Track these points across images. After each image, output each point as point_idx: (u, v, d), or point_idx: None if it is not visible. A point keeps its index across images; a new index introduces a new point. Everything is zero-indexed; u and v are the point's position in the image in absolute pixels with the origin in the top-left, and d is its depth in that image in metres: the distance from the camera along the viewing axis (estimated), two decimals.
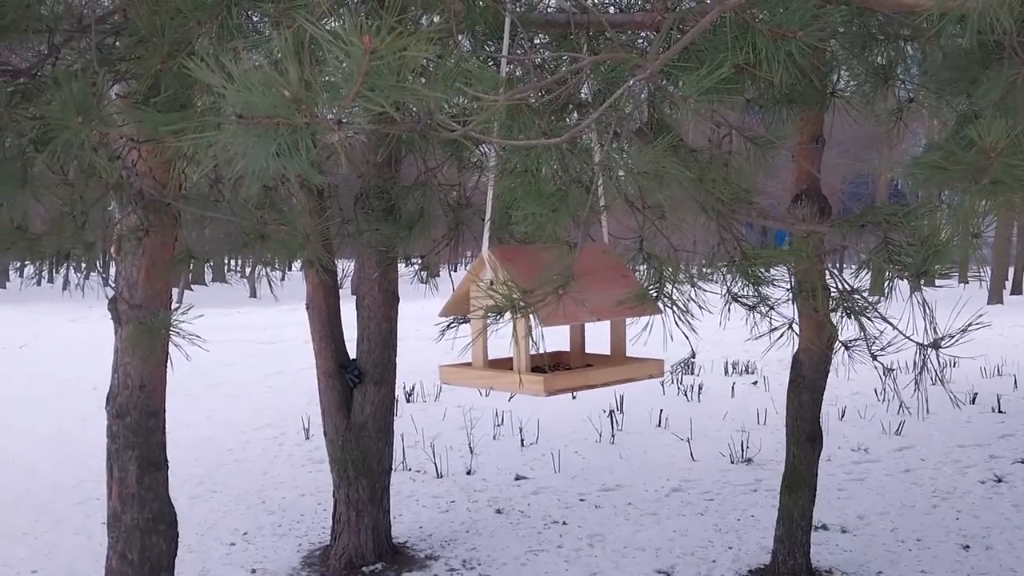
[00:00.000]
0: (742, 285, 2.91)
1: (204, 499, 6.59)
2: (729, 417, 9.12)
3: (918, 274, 2.12)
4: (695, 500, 6.41)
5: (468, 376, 2.08)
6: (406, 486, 6.79)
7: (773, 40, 1.65)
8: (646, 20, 1.89)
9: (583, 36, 2.00)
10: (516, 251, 2.10)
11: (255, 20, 2.11)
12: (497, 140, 1.69)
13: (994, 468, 7.04)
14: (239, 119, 1.14)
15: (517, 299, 1.81)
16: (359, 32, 1.08)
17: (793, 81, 1.79)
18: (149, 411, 3.69)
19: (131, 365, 3.62)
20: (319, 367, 5.36)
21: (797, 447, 4.83)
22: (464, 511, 6.27)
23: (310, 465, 7.51)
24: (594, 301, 1.96)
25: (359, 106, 1.14)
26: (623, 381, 2.21)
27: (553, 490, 6.72)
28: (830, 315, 3.09)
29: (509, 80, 1.90)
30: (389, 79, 1.10)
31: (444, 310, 2.16)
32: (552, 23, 2.03)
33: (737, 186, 2.53)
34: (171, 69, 1.92)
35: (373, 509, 5.28)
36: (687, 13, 1.87)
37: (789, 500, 4.83)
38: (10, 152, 2.13)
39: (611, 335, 2.23)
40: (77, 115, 1.76)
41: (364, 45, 1.10)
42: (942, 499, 6.32)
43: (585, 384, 2.05)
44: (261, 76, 1.13)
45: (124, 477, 3.69)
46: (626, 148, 2.12)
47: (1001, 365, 11.94)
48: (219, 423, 9.20)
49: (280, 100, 1.13)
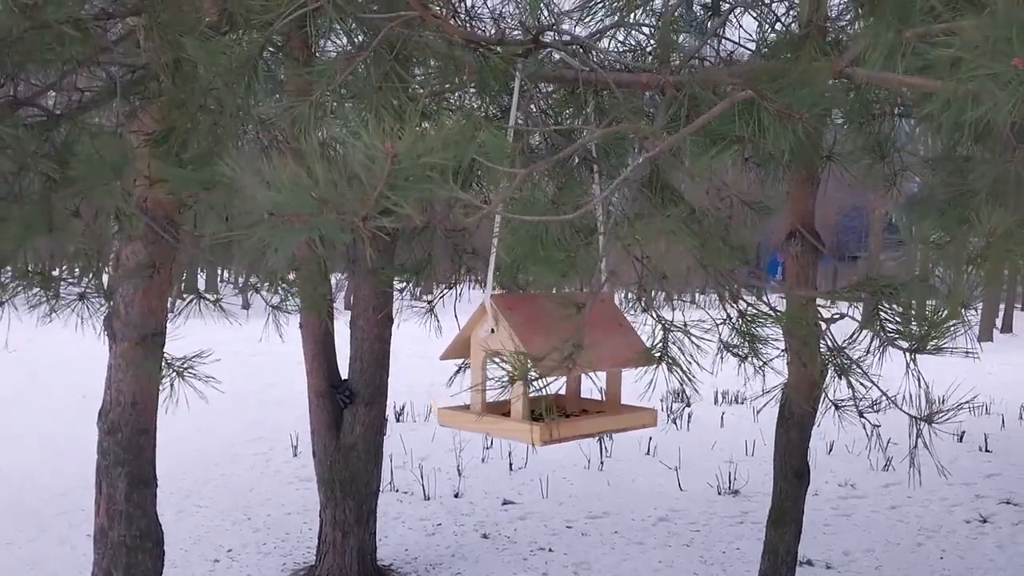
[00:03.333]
0: (736, 337, 2.95)
1: (190, 514, 6.57)
2: (718, 447, 9.13)
3: (914, 350, 2.15)
4: (681, 531, 6.42)
5: (465, 420, 2.10)
6: (393, 507, 6.78)
7: (779, 119, 1.69)
8: (651, 81, 1.93)
9: (590, 92, 2.04)
10: (518, 300, 2.13)
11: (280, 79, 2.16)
12: (508, 214, 1.73)
13: (979, 508, 7.07)
14: (270, 216, 1.20)
15: (529, 370, 1.84)
16: (382, 136, 1.12)
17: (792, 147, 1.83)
18: (140, 428, 3.70)
19: (124, 382, 3.63)
20: (310, 386, 5.37)
21: (784, 482, 4.85)
22: (450, 534, 6.26)
23: (297, 482, 7.50)
24: (594, 352, 1.98)
25: (382, 205, 1.19)
26: (618, 430, 2.23)
27: (540, 516, 6.72)
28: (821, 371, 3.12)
29: (518, 133, 1.94)
30: (411, 182, 1.15)
31: (445, 354, 2.18)
32: (560, 78, 2.07)
33: (736, 249, 2.57)
34: (199, 128, 1.97)
35: (359, 531, 5.28)
36: (691, 76, 1.91)
37: (775, 535, 4.84)
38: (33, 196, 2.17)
39: (607, 382, 2.25)
40: (112, 176, 1.81)
41: (387, 150, 1.15)
42: (927, 537, 6.34)
43: (580, 434, 2.08)
44: (290, 176, 1.18)
45: (113, 494, 3.70)
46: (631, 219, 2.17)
47: (989, 404, 11.98)
48: (207, 436, 9.17)
49: (308, 200, 1.19)
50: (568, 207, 2.00)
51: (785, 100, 1.69)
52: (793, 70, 1.74)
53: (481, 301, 2.04)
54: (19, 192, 2.17)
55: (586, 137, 1.74)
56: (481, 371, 2.09)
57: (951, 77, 1.18)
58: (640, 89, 2.08)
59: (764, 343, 2.88)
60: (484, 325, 2.05)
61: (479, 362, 2.10)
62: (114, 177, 1.82)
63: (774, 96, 1.70)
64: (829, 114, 2.39)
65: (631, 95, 2.13)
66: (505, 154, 1.67)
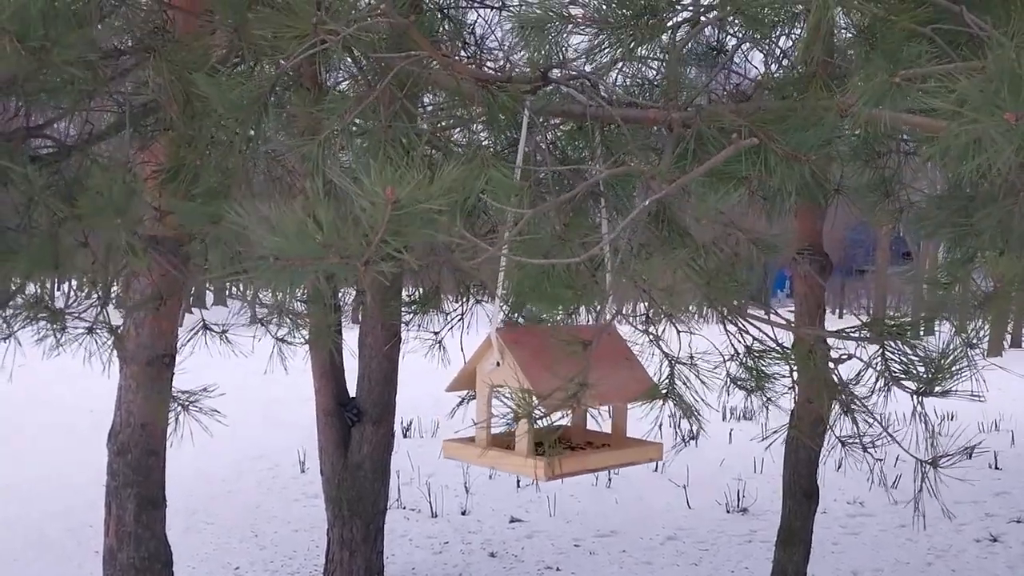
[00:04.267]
0: (743, 372, 2.95)
1: (197, 531, 6.57)
2: (726, 464, 9.10)
3: (921, 392, 2.15)
4: (690, 550, 6.39)
5: (471, 454, 2.10)
6: (400, 525, 6.77)
7: (786, 160, 1.70)
8: (658, 117, 1.94)
9: (597, 128, 2.05)
10: (524, 333, 2.13)
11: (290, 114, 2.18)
12: (515, 256, 1.74)
13: (990, 527, 7.02)
14: (275, 260, 1.21)
15: (534, 408, 1.85)
16: (383, 182, 1.14)
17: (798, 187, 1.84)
18: (150, 450, 3.71)
19: (134, 403, 3.65)
20: (318, 404, 5.37)
21: (793, 502, 4.83)
22: (457, 552, 6.25)
23: (304, 499, 7.49)
24: (600, 387, 1.98)
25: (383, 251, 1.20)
26: (623, 464, 2.23)
27: (547, 534, 6.70)
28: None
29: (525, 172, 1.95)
30: (412, 228, 1.17)
31: (450, 386, 2.18)
32: (568, 113, 2.08)
33: (742, 285, 2.58)
34: (208, 164, 1.99)
35: (366, 549, 5.27)
36: (698, 113, 1.92)
37: (783, 556, 4.82)
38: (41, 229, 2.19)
39: (613, 416, 2.25)
40: (117, 214, 1.83)
41: (387, 197, 1.17)
42: (937, 557, 6.30)
43: (586, 468, 2.07)
44: (295, 221, 1.20)
45: (122, 515, 3.70)
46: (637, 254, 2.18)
47: (999, 420, 11.91)
48: (214, 452, 9.16)
49: (312, 245, 1.20)
50: (575, 242, 2.01)
51: (792, 142, 1.70)
52: (799, 111, 1.75)
53: (487, 334, 2.04)
54: (28, 225, 2.19)
55: (592, 179, 1.75)
56: (486, 404, 2.09)
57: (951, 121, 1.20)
58: (648, 125, 2.09)
59: (771, 380, 2.88)
60: (490, 358, 2.05)
61: (484, 395, 2.10)
62: (119, 215, 1.84)
63: (781, 138, 1.71)
64: (836, 153, 2.40)
65: (638, 130, 2.14)
66: (512, 193, 1.68)
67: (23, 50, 1.80)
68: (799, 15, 2.34)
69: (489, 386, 2.08)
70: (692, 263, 2.32)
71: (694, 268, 2.32)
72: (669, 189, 1.55)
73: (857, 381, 2.64)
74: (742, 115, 1.86)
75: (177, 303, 3.54)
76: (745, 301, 2.65)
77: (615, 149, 2.14)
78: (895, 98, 1.45)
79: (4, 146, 2.13)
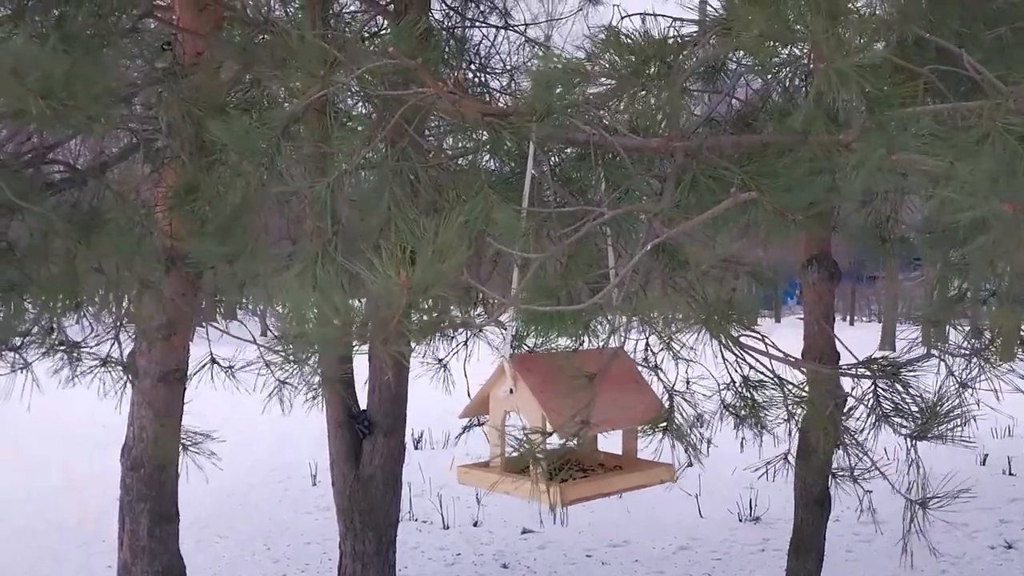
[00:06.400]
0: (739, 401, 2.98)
1: (209, 544, 6.59)
2: (738, 473, 9.07)
3: (914, 436, 2.18)
4: (702, 559, 6.38)
5: (485, 479, 2.13)
6: (412, 536, 6.77)
7: (775, 216, 1.75)
8: (661, 147, 1.97)
9: (600, 157, 2.09)
10: (535, 361, 2.18)
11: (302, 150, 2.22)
12: (523, 305, 1.78)
13: (1004, 534, 6.98)
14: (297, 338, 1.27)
15: (540, 445, 1.89)
16: (396, 267, 1.18)
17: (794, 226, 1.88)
18: (163, 464, 3.74)
19: (146, 419, 3.67)
20: (329, 415, 5.38)
21: (805, 510, 4.83)
22: (469, 564, 6.25)
23: (316, 512, 7.50)
24: (611, 411, 2.02)
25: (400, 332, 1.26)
26: (636, 487, 2.26)
27: (559, 545, 6.69)
28: None
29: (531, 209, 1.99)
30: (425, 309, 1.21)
31: (464, 412, 2.23)
32: (572, 141, 2.11)
33: (741, 315, 2.60)
34: (223, 203, 2.02)
35: (379, 562, 5.27)
36: (701, 142, 1.95)
37: (796, 564, 4.81)
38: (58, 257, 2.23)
39: (623, 438, 2.29)
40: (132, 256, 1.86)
41: (402, 283, 1.22)
42: (951, 564, 6.26)
43: (599, 493, 2.10)
44: (315, 302, 1.25)
45: (136, 529, 3.73)
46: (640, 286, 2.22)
47: (1012, 425, 11.84)
48: (225, 465, 9.16)
49: (332, 328, 1.25)
50: (579, 275, 2.05)
51: (783, 201, 1.75)
52: (796, 165, 1.80)
53: (500, 361, 2.08)
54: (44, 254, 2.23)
55: (595, 220, 1.79)
56: (500, 431, 2.13)
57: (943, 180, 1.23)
58: (650, 154, 2.12)
59: (764, 409, 2.91)
60: (503, 385, 2.09)
61: (498, 421, 2.14)
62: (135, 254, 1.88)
63: (771, 195, 1.75)
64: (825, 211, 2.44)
65: (640, 159, 2.18)
66: (518, 235, 1.72)
67: (47, 108, 1.84)
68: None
69: (503, 412, 2.12)
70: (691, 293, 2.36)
71: (693, 302, 2.36)
72: (670, 234, 1.60)
73: (848, 416, 2.66)
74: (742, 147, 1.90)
75: (188, 322, 3.57)
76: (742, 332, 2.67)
77: (617, 179, 2.17)
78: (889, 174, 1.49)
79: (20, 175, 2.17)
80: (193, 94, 2.08)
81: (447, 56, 3.36)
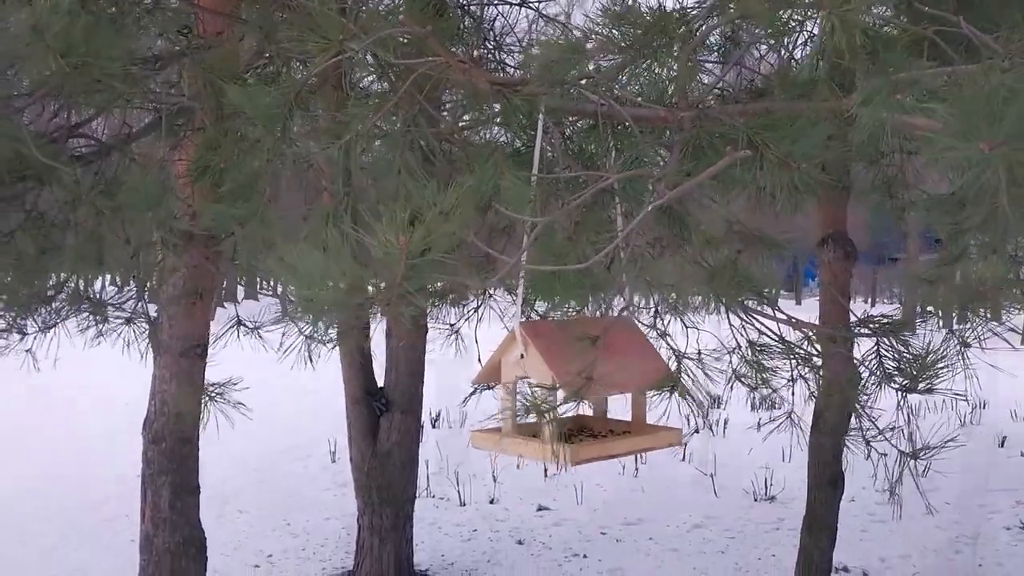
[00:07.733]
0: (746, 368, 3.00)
1: (230, 519, 6.70)
2: (754, 453, 9.10)
3: (905, 389, 2.20)
4: (717, 538, 6.42)
5: (498, 443, 2.19)
6: (429, 513, 6.85)
7: (779, 166, 1.76)
8: (669, 116, 1.99)
9: (609, 127, 2.11)
10: (545, 327, 2.22)
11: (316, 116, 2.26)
12: (527, 266, 1.82)
13: (1020, 514, 6.98)
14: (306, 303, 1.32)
15: (547, 402, 1.93)
16: (396, 228, 1.22)
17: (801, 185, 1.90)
18: (184, 438, 3.81)
19: (168, 393, 3.74)
20: (347, 393, 5.46)
21: (818, 490, 4.84)
22: (486, 540, 6.32)
23: (335, 488, 7.60)
24: (619, 376, 2.06)
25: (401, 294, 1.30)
26: (644, 450, 2.31)
27: (575, 522, 6.75)
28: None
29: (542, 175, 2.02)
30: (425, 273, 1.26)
31: (477, 379, 2.28)
32: (582, 112, 2.14)
33: (746, 281, 2.62)
34: (235, 165, 2.06)
35: (396, 536, 5.35)
36: (701, 116, 1.97)
37: (809, 542, 4.84)
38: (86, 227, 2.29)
39: (632, 404, 2.32)
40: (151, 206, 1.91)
41: (402, 246, 1.26)
42: (965, 544, 6.28)
43: (608, 454, 2.15)
44: (321, 267, 1.30)
45: (157, 501, 3.81)
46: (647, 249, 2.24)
47: None
48: (246, 442, 9.31)
49: (337, 293, 1.30)
50: (586, 239, 2.08)
51: (782, 151, 1.76)
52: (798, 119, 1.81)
53: (511, 328, 2.13)
54: (73, 223, 2.29)
55: (602, 182, 1.82)
56: (512, 395, 2.18)
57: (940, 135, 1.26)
58: (658, 124, 2.14)
59: (770, 374, 2.93)
60: (514, 351, 2.14)
61: (510, 387, 2.19)
62: (151, 210, 1.93)
63: (774, 146, 1.77)
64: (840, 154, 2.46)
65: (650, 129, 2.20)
66: (527, 200, 1.75)
67: (67, 65, 1.88)
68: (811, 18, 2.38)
69: (514, 377, 2.17)
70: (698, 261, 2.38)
71: (699, 266, 2.39)
72: (671, 195, 1.62)
73: (860, 390, 2.69)
74: (748, 115, 1.91)
75: (210, 296, 3.63)
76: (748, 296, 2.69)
77: (627, 148, 2.20)
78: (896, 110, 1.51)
79: (48, 147, 2.22)
80: (215, 62, 2.12)
81: (463, 32, 3.38)
